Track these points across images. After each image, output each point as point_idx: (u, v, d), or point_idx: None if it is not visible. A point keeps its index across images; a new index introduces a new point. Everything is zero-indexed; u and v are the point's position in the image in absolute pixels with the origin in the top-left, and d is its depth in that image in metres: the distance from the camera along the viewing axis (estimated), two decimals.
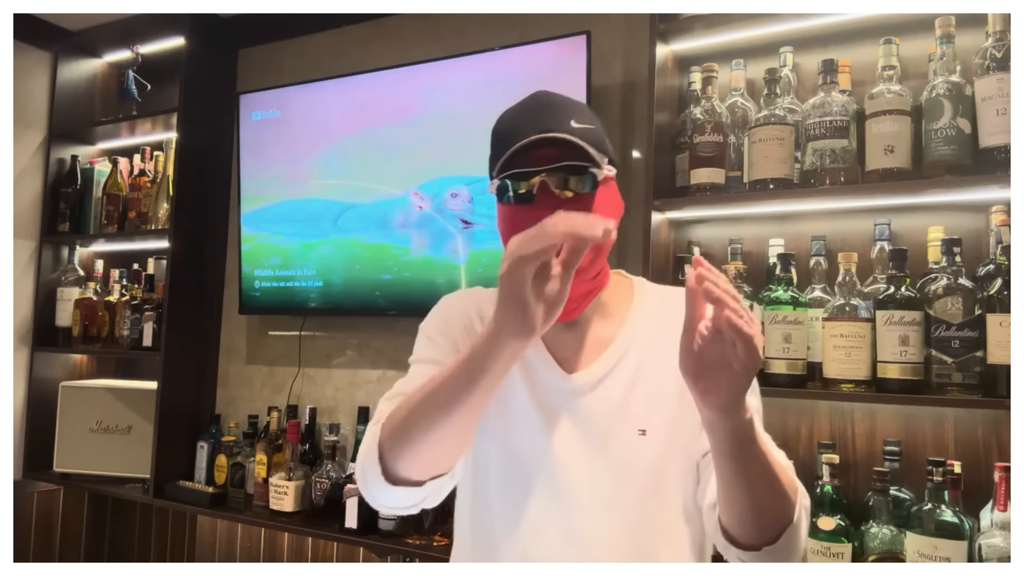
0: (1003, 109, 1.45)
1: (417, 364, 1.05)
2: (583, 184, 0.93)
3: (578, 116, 0.95)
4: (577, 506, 0.97)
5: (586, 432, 0.99)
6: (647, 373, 1.00)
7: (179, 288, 2.56)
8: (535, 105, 0.96)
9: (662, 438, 0.98)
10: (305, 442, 2.36)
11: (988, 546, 1.38)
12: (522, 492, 0.99)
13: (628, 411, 0.99)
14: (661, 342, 0.98)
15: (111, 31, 2.86)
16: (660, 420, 0.98)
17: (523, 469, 1.00)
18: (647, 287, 1.10)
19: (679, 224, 1.95)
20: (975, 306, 1.46)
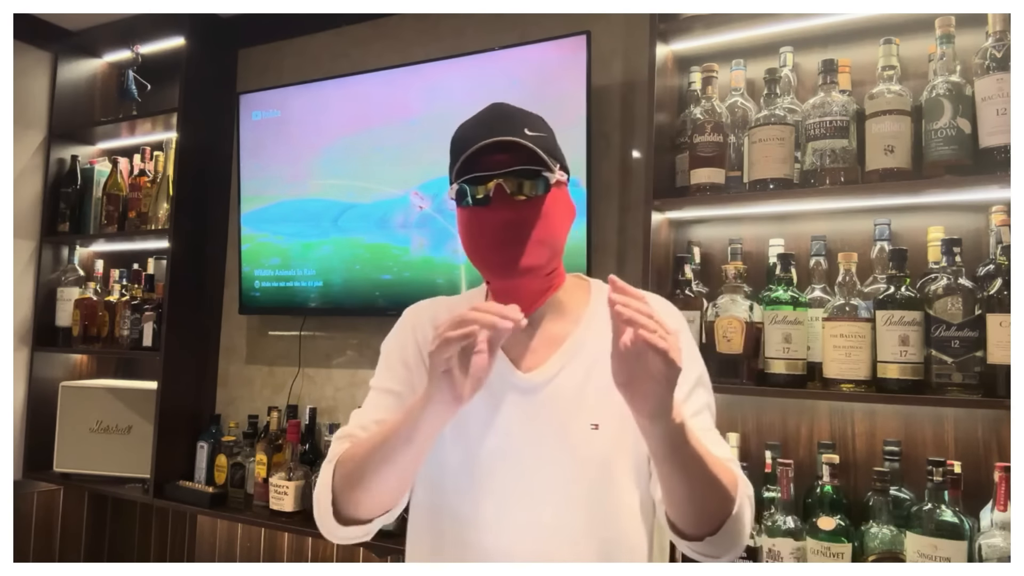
0: (1003, 109, 1.45)
1: (373, 391, 1.11)
2: (536, 187, 0.98)
3: (531, 125, 1.00)
4: (535, 499, 1.00)
5: (540, 427, 1.02)
6: (600, 370, 0.98)
7: (179, 288, 2.56)
8: (490, 115, 1.02)
9: (614, 432, 1.01)
10: (305, 442, 2.35)
11: (988, 546, 1.38)
12: (480, 489, 1.02)
13: (581, 406, 1.02)
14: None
15: (111, 31, 2.86)
16: (612, 415, 1.00)
17: (480, 466, 1.02)
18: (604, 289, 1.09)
19: (679, 224, 1.95)
20: (975, 306, 1.46)
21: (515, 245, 0.98)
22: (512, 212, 0.98)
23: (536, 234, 0.99)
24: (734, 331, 1.66)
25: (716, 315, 1.69)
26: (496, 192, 0.97)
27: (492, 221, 0.97)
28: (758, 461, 1.75)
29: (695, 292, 1.80)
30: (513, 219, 0.98)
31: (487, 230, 0.99)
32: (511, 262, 0.98)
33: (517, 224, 0.98)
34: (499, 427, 1.03)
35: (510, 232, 0.98)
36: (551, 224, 1.00)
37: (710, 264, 1.92)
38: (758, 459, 1.76)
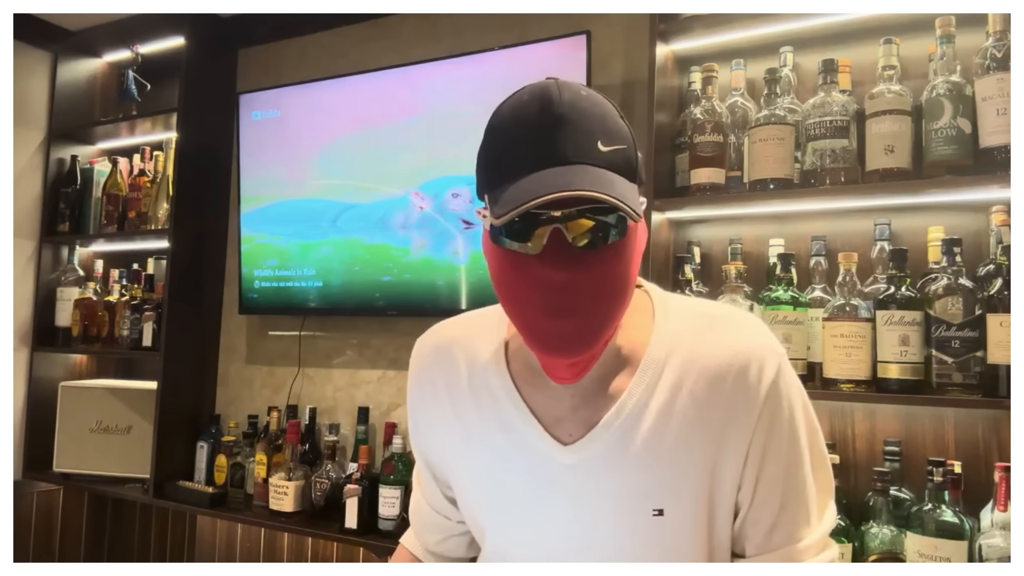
0: (1003, 109, 1.45)
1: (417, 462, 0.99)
2: (608, 235, 0.70)
3: (606, 132, 0.71)
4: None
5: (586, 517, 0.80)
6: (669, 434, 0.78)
7: (179, 288, 2.56)
8: (549, 118, 0.71)
9: (684, 516, 0.78)
10: (305, 442, 2.35)
11: (988, 546, 1.38)
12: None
13: (640, 489, 0.78)
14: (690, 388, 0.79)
15: (111, 31, 2.86)
16: (683, 495, 0.78)
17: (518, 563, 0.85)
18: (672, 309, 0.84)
19: (679, 224, 1.95)
20: (975, 306, 1.46)
21: (575, 318, 0.71)
22: (571, 272, 0.70)
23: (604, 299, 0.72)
24: None
25: None
26: (551, 241, 0.70)
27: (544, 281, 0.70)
28: None
29: (695, 292, 1.79)
30: (572, 280, 0.70)
31: (537, 290, 0.71)
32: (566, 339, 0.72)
33: (580, 288, 0.71)
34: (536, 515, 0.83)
35: (570, 299, 0.71)
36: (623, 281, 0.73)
37: (710, 264, 1.92)
38: None
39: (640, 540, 0.79)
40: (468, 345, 0.89)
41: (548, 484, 0.82)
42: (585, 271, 0.70)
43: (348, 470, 2.19)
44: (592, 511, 0.80)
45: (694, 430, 0.78)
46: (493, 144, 0.75)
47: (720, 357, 0.79)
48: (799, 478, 0.79)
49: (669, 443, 0.78)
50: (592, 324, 0.72)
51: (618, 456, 0.79)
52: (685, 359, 0.80)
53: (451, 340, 0.91)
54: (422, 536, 1.02)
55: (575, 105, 0.72)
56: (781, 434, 0.78)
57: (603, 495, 0.80)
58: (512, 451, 0.83)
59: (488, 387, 0.86)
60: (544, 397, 0.83)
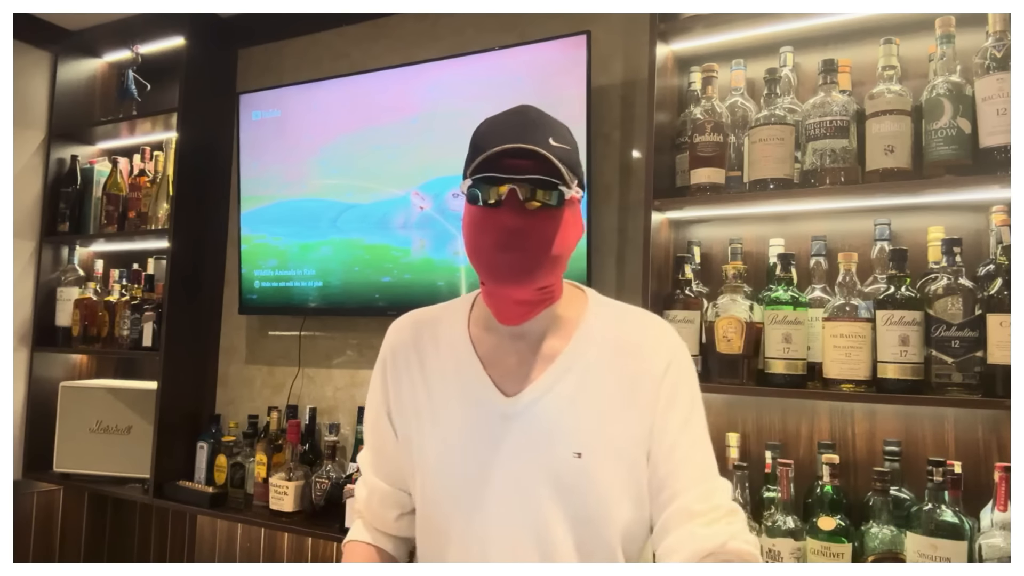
0: (1003, 109, 1.45)
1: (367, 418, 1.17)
2: (550, 198, 0.95)
3: (557, 135, 0.97)
4: (516, 528, 0.98)
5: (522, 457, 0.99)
6: (588, 393, 1.01)
7: (179, 288, 2.56)
8: (518, 118, 0.98)
9: (599, 460, 0.98)
10: (305, 442, 2.35)
11: (988, 546, 1.38)
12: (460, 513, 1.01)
13: (565, 432, 0.99)
14: (605, 360, 1.03)
15: (111, 31, 2.86)
16: (600, 442, 0.98)
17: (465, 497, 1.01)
18: (600, 304, 1.10)
19: (679, 224, 1.95)
20: (975, 306, 1.46)
21: (518, 252, 0.96)
22: (522, 219, 0.95)
23: (541, 245, 0.96)
24: (734, 331, 1.66)
25: (716, 315, 1.69)
26: (509, 196, 0.95)
27: (500, 224, 0.95)
28: (758, 461, 1.75)
29: (695, 292, 1.79)
30: (522, 226, 0.95)
31: (493, 232, 0.96)
32: (511, 268, 0.97)
33: (525, 232, 0.95)
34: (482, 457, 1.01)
35: (516, 239, 0.95)
36: (558, 238, 0.98)
37: (710, 264, 1.92)
38: (758, 459, 1.76)
39: (563, 482, 0.97)
40: (438, 320, 1.13)
41: (487, 428, 1.02)
42: (530, 220, 0.95)
43: (348, 470, 2.19)
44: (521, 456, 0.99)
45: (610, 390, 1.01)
46: (476, 134, 0.99)
47: (636, 337, 1.05)
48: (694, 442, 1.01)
49: (589, 398, 1.00)
50: (531, 261, 0.96)
51: (547, 407, 1.00)
52: (609, 336, 1.05)
53: (424, 317, 1.15)
54: (380, 515, 1.15)
55: (539, 115, 0.99)
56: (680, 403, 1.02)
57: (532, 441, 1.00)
58: (463, 399, 1.04)
59: (453, 345, 1.08)
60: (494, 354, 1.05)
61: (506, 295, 1.02)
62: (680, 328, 1.74)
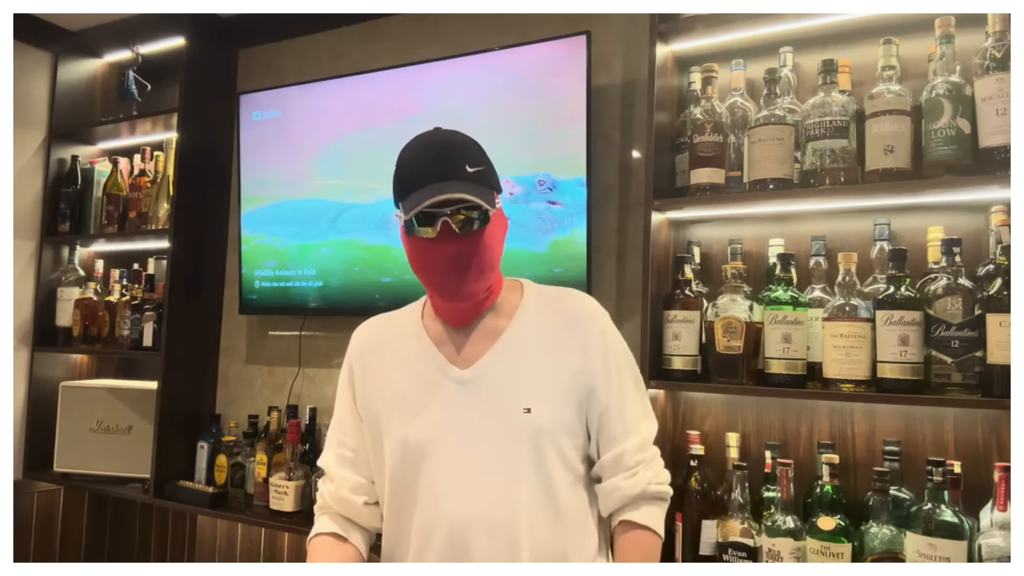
0: (1003, 109, 1.46)
1: (336, 415, 1.33)
2: (477, 222, 1.10)
3: (471, 159, 1.11)
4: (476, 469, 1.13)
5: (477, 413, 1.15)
6: (531, 360, 1.18)
7: (179, 288, 2.56)
8: (433, 151, 1.12)
9: (547, 413, 1.15)
10: (305, 442, 2.36)
11: (988, 546, 1.38)
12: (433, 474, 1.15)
13: (515, 393, 1.15)
14: (543, 331, 1.20)
15: (111, 31, 2.86)
16: (543, 400, 1.15)
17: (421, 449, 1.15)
18: (535, 288, 1.27)
19: (679, 224, 1.95)
20: (975, 306, 1.46)
21: (459, 273, 1.11)
22: (456, 245, 1.10)
23: (476, 262, 1.12)
24: (734, 331, 1.66)
25: (716, 315, 1.69)
26: (442, 229, 1.09)
27: (439, 253, 1.11)
28: (758, 461, 1.75)
29: (695, 292, 1.80)
30: (457, 251, 1.10)
31: (434, 261, 1.12)
32: (455, 288, 1.13)
33: (461, 256, 1.11)
34: (437, 413, 1.16)
35: (455, 263, 1.11)
36: (490, 251, 1.14)
37: (710, 264, 1.92)
38: (758, 459, 1.76)
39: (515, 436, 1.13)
40: (394, 318, 1.32)
41: (446, 394, 1.17)
42: (464, 244, 1.10)
43: None
44: (477, 417, 1.14)
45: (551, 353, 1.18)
46: (398, 169, 1.16)
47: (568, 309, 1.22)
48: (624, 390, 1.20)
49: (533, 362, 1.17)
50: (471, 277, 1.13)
51: (497, 372, 1.17)
52: (546, 308, 1.22)
53: (383, 317, 1.34)
54: (349, 502, 1.25)
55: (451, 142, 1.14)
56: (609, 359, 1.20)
57: (488, 403, 1.15)
58: (422, 375, 1.19)
59: (409, 336, 1.25)
60: (445, 337, 1.22)
61: (453, 308, 1.19)
62: (680, 328, 1.74)
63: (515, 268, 2.06)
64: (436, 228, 1.09)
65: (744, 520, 1.63)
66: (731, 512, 1.64)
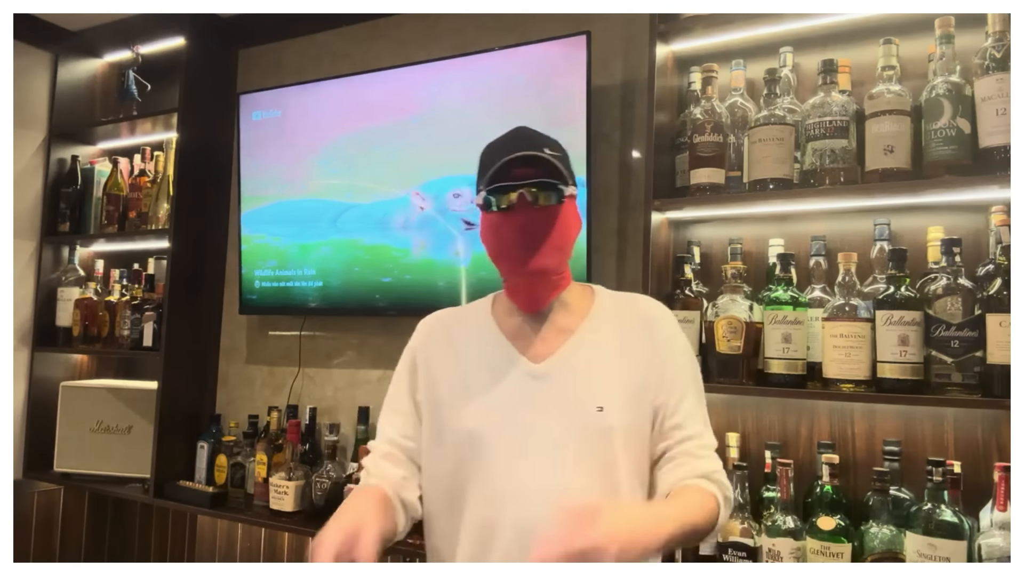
0: (1003, 109, 1.46)
1: (387, 410, 1.28)
2: (552, 198, 1.13)
3: (551, 146, 1.16)
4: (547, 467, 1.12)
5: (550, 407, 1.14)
6: (604, 360, 1.18)
7: (179, 288, 2.56)
8: (516, 136, 1.17)
9: (618, 413, 1.14)
10: (305, 442, 2.35)
11: (988, 546, 1.38)
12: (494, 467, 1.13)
13: (588, 390, 1.15)
14: (616, 333, 1.20)
15: (111, 31, 2.86)
16: (616, 400, 1.14)
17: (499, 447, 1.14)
18: (607, 292, 1.29)
19: (679, 224, 1.95)
20: (975, 306, 1.46)
21: (533, 245, 1.13)
22: (531, 217, 1.12)
23: (551, 238, 1.14)
24: (734, 331, 1.66)
25: (716, 315, 1.70)
26: (519, 201, 1.12)
27: (514, 225, 1.13)
28: (758, 461, 1.75)
29: (695, 292, 1.80)
30: (532, 223, 1.13)
31: (509, 232, 1.14)
32: (529, 260, 1.13)
33: (535, 228, 1.13)
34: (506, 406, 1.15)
35: (529, 234, 1.13)
36: (563, 230, 1.16)
37: (710, 264, 1.92)
38: (758, 459, 1.76)
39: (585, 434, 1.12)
40: (463, 313, 1.32)
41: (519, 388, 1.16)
42: (539, 216, 1.13)
43: (348, 470, 2.19)
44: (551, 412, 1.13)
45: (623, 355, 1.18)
46: (482, 155, 1.18)
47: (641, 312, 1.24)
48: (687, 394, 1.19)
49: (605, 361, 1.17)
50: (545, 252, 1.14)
51: (571, 368, 1.16)
52: (618, 311, 1.24)
53: (450, 312, 1.34)
54: (390, 474, 1.22)
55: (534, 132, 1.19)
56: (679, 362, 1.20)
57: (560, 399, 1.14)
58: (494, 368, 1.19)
59: (480, 328, 1.25)
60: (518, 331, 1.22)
61: (527, 283, 1.18)
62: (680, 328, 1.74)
63: None
64: (513, 198, 1.11)
65: (744, 520, 1.63)
66: (731, 512, 1.64)
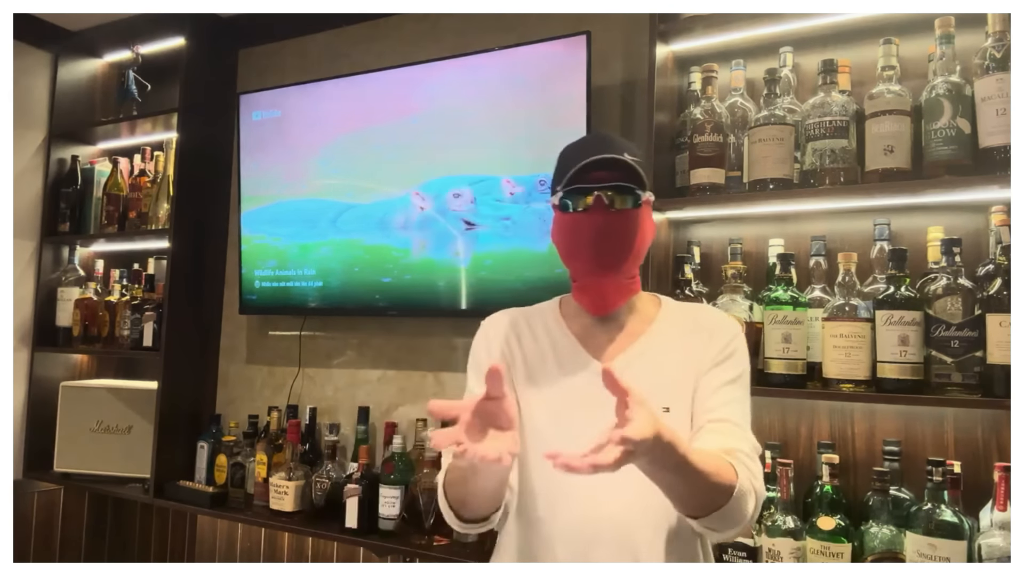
0: (1003, 109, 1.46)
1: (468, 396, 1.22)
2: (628, 202, 1.13)
3: (630, 150, 1.15)
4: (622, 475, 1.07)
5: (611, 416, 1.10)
6: (672, 362, 1.18)
7: (179, 288, 2.56)
8: (597, 138, 1.20)
9: (682, 415, 1.15)
10: (305, 442, 2.35)
11: (988, 546, 1.38)
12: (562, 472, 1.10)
13: (655, 391, 1.11)
14: (683, 339, 1.20)
15: (111, 31, 2.86)
16: (681, 401, 1.15)
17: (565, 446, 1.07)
18: (671, 301, 1.29)
19: (679, 224, 1.95)
20: (975, 306, 1.46)
21: (607, 248, 1.14)
22: (607, 220, 1.13)
23: (625, 241, 1.14)
24: None
25: None
26: (595, 202, 1.12)
27: (590, 226, 1.13)
28: None
29: (695, 292, 1.80)
30: (608, 226, 1.13)
31: (584, 234, 1.14)
32: (602, 262, 1.15)
33: (610, 231, 1.13)
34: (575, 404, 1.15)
35: (604, 237, 1.13)
36: (638, 235, 1.16)
37: (710, 264, 1.92)
38: None
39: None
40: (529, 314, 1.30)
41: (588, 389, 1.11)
42: (615, 220, 1.13)
43: (348, 470, 2.19)
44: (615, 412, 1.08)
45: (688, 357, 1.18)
46: (561, 155, 1.18)
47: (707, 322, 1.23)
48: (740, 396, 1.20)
49: (672, 365, 1.17)
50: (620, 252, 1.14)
51: (640, 369, 1.15)
52: (685, 319, 1.24)
53: (516, 311, 1.31)
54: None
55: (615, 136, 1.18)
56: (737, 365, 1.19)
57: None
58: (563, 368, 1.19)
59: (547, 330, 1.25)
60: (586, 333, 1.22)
61: (599, 285, 1.18)
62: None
63: (515, 268, 2.06)
64: (590, 201, 1.12)
65: None
66: None
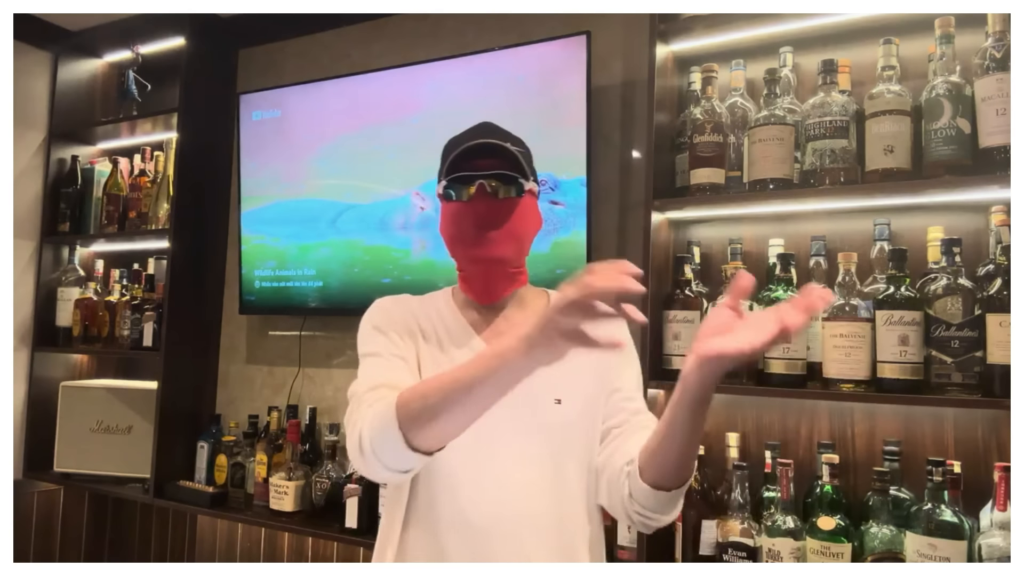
0: (1003, 109, 1.46)
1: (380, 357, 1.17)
2: (511, 190, 1.15)
3: (513, 141, 1.17)
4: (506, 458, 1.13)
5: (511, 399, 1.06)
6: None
7: (179, 288, 2.56)
8: (479, 128, 1.19)
9: (575, 406, 1.16)
10: (305, 442, 2.36)
11: (988, 546, 1.38)
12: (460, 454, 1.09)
13: (546, 384, 1.10)
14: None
15: (111, 31, 2.86)
16: (574, 393, 1.16)
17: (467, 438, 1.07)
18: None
19: (679, 224, 1.95)
20: (975, 306, 1.46)
21: (490, 234, 1.14)
22: (490, 207, 1.14)
23: (508, 228, 1.14)
24: None
25: None
26: (478, 190, 1.14)
27: (472, 213, 1.14)
28: (758, 461, 1.75)
29: (695, 292, 1.80)
30: (490, 213, 1.14)
31: (467, 220, 1.15)
32: (485, 248, 1.15)
33: (493, 217, 1.14)
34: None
35: (486, 223, 1.14)
36: (521, 223, 1.16)
37: (710, 264, 1.92)
38: (758, 459, 1.76)
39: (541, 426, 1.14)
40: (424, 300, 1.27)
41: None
42: (498, 206, 1.14)
43: (348, 470, 2.19)
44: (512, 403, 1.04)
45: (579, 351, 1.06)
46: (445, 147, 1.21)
47: None
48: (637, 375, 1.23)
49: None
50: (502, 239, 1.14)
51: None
52: None
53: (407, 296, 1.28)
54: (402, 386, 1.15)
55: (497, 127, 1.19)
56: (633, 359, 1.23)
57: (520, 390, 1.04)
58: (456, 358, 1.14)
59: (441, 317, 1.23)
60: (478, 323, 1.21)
61: (483, 273, 1.18)
62: (680, 328, 1.74)
63: None
64: (472, 189, 1.13)
65: (744, 520, 1.63)
66: (731, 512, 1.64)
